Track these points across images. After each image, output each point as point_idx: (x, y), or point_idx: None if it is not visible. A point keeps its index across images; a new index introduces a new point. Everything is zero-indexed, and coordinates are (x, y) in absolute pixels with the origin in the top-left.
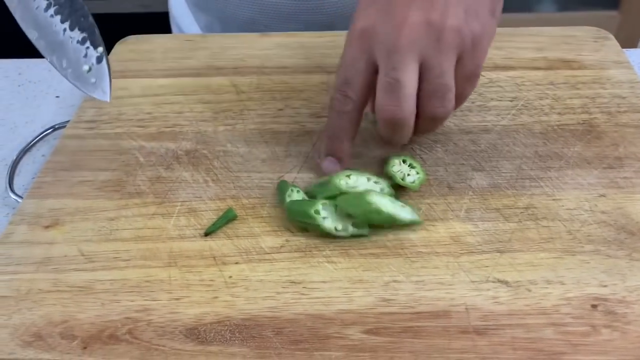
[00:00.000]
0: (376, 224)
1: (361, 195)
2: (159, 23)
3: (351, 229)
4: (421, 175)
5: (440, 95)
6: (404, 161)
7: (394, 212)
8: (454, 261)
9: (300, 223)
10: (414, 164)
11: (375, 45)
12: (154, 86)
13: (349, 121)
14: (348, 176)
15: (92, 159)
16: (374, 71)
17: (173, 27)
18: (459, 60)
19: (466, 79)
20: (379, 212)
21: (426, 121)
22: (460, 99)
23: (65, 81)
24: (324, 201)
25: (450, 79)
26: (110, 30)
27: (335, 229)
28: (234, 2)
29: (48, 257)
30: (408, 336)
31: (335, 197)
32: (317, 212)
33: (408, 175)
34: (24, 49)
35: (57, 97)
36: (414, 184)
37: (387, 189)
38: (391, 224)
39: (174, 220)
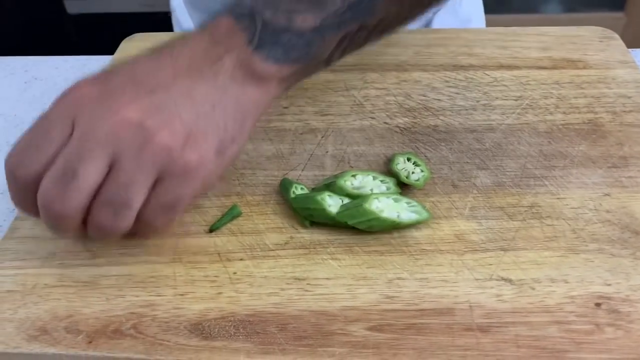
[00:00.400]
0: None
1: (360, 205)
2: (163, 22)
3: None
4: (426, 173)
5: (115, 208)
6: (408, 159)
7: (395, 218)
8: (458, 259)
9: (306, 210)
10: (419, 162)
11: (78, 119)
12: None
13: (26, 195)
14: (353, 176)
15: None
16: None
17: (175, 26)
18: (159, 183)
19: (160, 207)
20: (379, 220)
21: (91, 226)
22: (147, 226)
23: (71, 78)
24: (330, 193)
25: (134, 195)
26: (115, 29)
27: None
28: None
29: (53, 252)
30: (411, 333)
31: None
32: (324, 199)
33: (412, 173)
34: (31, 46)
35: None
36: (418, 182)
37: (393, 188)
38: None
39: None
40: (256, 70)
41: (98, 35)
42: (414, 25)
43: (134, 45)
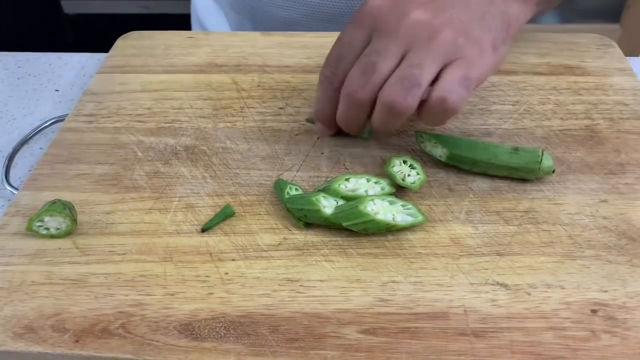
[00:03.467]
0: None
1: (355, 207)
2: (160, 24)
3: None
4: (421, 176)
5: (406, 85)
6: (404, 162)
7: (390, 220)
8: (453, 263)
9: (300, 211)
10: (415, 165)
11: (375, 27)
12: (154, 82)
13: (334, 97)
14: (347, 179)
15: (90, 153)
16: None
17: (194, 26)
18: (446, 68)
19: (451, 85)
20: (374, 222)
21: (380, 107)
22: (438, 105)
23: (65, 75)
24: (325, 194)
25: (423, 73)
26: (112, 29)
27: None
28: (278, 2)
29: (42, 249)
30: (405, 337)
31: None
32: (318, 200)
33: (408, 175)
34: (24, 42)
35: (56, 90)
36: (414, 185)
37: (387, 187)
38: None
39: (170, 215)
40: None
41: (95, 35)
42: None
43: (129, 43)
